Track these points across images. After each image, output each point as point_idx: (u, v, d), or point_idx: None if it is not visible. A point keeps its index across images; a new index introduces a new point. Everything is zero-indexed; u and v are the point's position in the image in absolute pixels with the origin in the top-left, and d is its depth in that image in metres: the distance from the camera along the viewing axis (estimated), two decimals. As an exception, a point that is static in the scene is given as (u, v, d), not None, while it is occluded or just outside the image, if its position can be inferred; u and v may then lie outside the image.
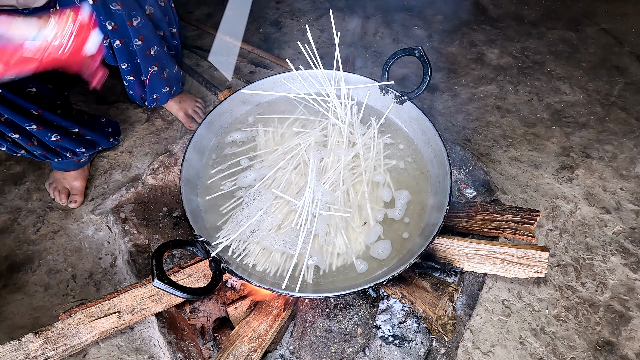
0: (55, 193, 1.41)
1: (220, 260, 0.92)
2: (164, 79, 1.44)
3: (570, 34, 2.08)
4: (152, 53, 1.32)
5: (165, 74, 1.43)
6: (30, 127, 1.17)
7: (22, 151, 1.25)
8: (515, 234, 1.13)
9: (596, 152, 1.55)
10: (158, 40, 1.31)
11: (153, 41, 1.30)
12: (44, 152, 1.28)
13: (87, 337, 0.97)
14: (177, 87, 1.55)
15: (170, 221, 1.38)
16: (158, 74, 1.40)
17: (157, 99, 1.51)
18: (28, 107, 1.15)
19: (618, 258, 1.27)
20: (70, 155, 1.33)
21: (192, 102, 1.66)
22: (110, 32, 1.21)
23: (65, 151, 1.32)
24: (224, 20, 1.45)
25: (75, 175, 1.41)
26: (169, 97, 1.54)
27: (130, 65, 1.33)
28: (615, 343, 1.11)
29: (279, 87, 1.30)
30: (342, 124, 1.17)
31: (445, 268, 1.12)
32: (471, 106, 1.74)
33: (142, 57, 1.31)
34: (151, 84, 1.42)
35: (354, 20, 2.18)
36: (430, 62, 1.12)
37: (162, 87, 1.47)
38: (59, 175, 1.41)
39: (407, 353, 1.12)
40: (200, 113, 1.66)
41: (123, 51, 1.28)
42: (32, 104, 1.17)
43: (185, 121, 1.62)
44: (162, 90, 1.48)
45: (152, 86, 1.44)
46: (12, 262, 1.28)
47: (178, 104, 1.62)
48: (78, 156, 1.37)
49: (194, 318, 1.17)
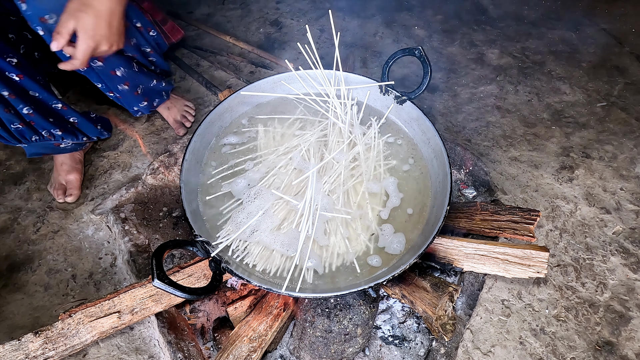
0: (53, 192, 1.41)
1: (220, 260, 0.92)
2: (138, 95, 1.43)
3: (570, 34, 2.08)
4: (119, 74, 1.30)
5: (139, 90, 1.42)
6: (3, 92, 1.13)
7: None
8: (515, 234, 1.13)
9: (596, 152, 1.55)
10: (123, 61, 1.29)
11: (117, 63, 1.28)
12: (19, 125, 1.21)
13: (87, 337, 0.97)
14: (159, 99, 1.53)
15: (170, 221, 1.38)
16: (130, 91, 1.39)
17: (138, 111, 1.50)
18: (8, 69, 1.12)
19: (618, 258, 1.27)
20: (47, 135, 1.29)
21: (181, 107, 1.64)
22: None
23: (41, 129, 1.27)
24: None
25: (67, 169, 1.41)
26: (150, 108, 1.52)
27: (103, 85, 1.32)
28: (615, 343, 1.11)
29: (278, 87, 1.30)
30: (342, 124, 1.17)
31: (445, 268, 1.11)
32: (471, 106, 1.74)
33: (107, 77, 1.29)
34: (126, 99, 1.41)
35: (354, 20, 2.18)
36: (430, 62, 1.12)
37: (138, 102, 1.46)
38: (54, 173, 1.42)
39: (407, 353, 1.12)
40: (189, 117, 1.64)
41: (90, 73, 1.26)
42: (15, 68, 1.13)
43: (175, 126, 1.61)
44: (140, 104, 1.47)
45: (127, 102, 1.43)
46: (12, 262, 1.28)
47: (167, 110, 1.60)
48: (56, 139, 1.32)
49: (194, 318, 1.17)
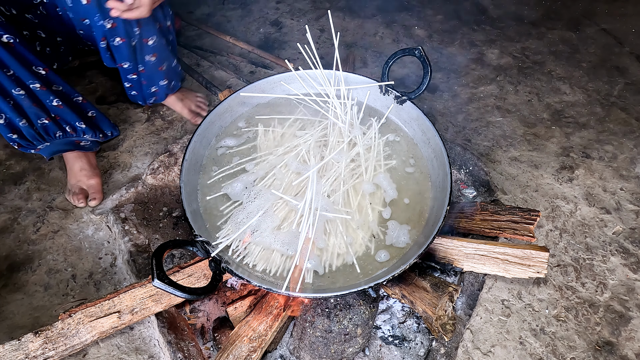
0: (73, 198, 1.38)
1: (220, 260, 0.92)
2: (162, 71, 1.44)
3: (571, 34, 2.08)
4: (150, 43, 1.31)
5: (164, 66, 1.43)
6: (34, 85, 1.16)
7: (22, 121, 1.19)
8: (515, 234, 1.13)
9: (596, 153, 1.55)
10: (156, 30, 1.31)
11: (151, 31, 1.29)
12: (45, 120, 1.23)
13: (87, 337, 0.97)
14: (176, 82, 1.55)
15: (170, 221, 1.38)
16: (155, 65, 1.40)
17: (155, 93, 1.51)
18: (36, 63, 1.15)
19: (618, 258, 1.27)
20: (70, 130, 1.31)
21: (194, 98, 1.68)
22: (109, 31, 1.21)
23: (65, 124, 1.29)
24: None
25: (88, 174, 1.40)
26: (167, 91, 1.53)
27: (131, 63, 1.33)
28: (615, 343, 1.11)
29: (278, 87, 1.30)
30: (343, 124, 1.17)
31: (445, 268, 1.12)
32: (471, 106, 1.74)
33: (140, 45, 1.30)
34: (148, 74, 1.42)
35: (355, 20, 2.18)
36: (430, 62, 1.12)
37: (160, 80, 1.47)
38: (72, 180, 1.40)
39: (407, 353, 1.12)
40: (203, 107, 1.67)
41: (123, 49, 1.27)
42: (41, 60, 1.16)
43: (191, 117, 1.63)
44: (160, 82, 1.47)
45: (149, 77, 1.43)
46: (12, 262, 1.28)
47: (181, 102, 1.62)
48: (77, 134, 1.34)
49: (193, 318, 1.17)
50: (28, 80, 1.15)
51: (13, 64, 1.10)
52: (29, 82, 1.15)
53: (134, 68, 1.35)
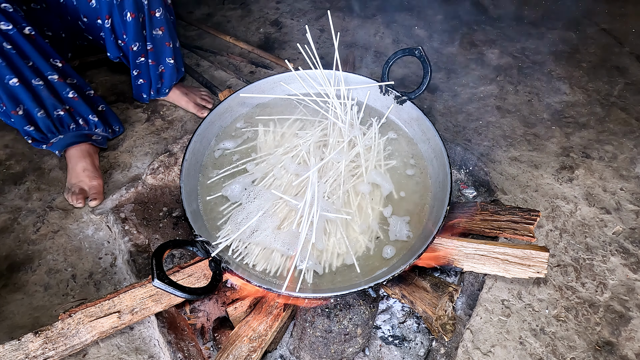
0: (72, 198, 1.37)
1: (220, 260, 0.92)
2: (169, 47, 1.47)
3: (571, 34, 2.08)
4: (157, 15, 1.35)
5: (170, 43, 1.47)
6: (52, 76, 1.20)
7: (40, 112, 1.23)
8: (515, 234, 1.13)
9: (596, 153, 1.55)
10: (162, 3, 1.35)
11: (158, 2, 1.33)
12: (61, 112, 1.28)
13: (87, 337, 0.97)
14: (180, 65, 1.59)
15: (170, 221, 1.38)
16: (163, 39, 1.43)
17: (162, 75, 1.54)
18: (53, 55, 1.20)
19: (618, 258, 1.27)
20: (82, 123, 1.35)
21: (198, 92, 1.71)
22: (118, 6, 1.24)
23: (78, 117, 1.33)
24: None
25: (90, 175, 1.40)
26: (172, 79, 1.57)
27: (140, 43, 1.36)
28: (615, 343, 1.11)
29: (278, 87, 1.30)
30: (342, 124, 1.17)
31: (445, 268, 1.11)
32: (471, 106, 1.74)
33: (149, 19, 1.33)
34: (157, 50, 1.45)
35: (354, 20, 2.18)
36: (430, 62, 1.12)
37: (167, 56, 1.50)
38: (73, 180, 1.40)
39: (407, 353, 1.12)
40: (209, 99, 1.69)
41: (134, 27, 1.30)
42: (57, 53, 1.21)
43: (196, 110, 1.65)
44: (167, 60, 1.50)
45: (157, 54, 1.46)
46: (12, 262, 1.28)
47: (186, 96, 1.64)
48: (90, 127, 1.37)
49: (193, 318, 1.17)
50: (47, 72, 1.19)
51: (34, 55, 1.15)
52: (47, 73, 1.19)
53: (142, 48, 1.39)
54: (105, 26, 1.30)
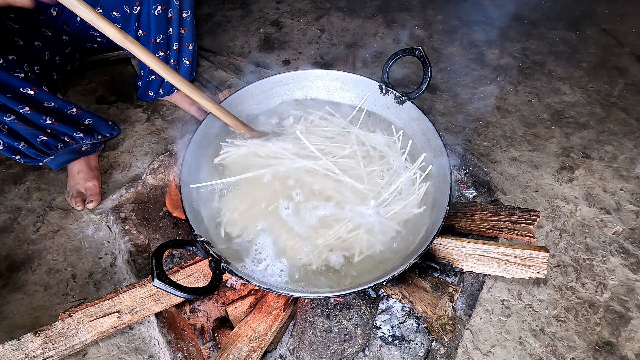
0: (71, 201, 1.38)
1: (220, 260, 0.92)
2: (189, 48, 1.49)
3: (571, 35, 2.08)
4: (185, 16, 1.37)
5: (190, 45, 1.49)
6: (24, 110, 1.13)
7: (20, 144, 1.20)
8: (515, 235, 1.13)
9: (596, 153, 1.55)
10: (191, 5, 1.37)
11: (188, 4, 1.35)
12: (44, 137, 1.22)
13: (87, 337, 0.97)
14: (194, 67, 1.61)
15: (170, 221, 1.38)
16: (184, 39, 1.45)
17: (175, 66, 1.54)
18: (22, 85, 1.11)
19: (618, 259, 1.27)
20: (69, 140, 1.31)
21: None
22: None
23: (63, 135, 1.29)
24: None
25: (85, 177, 1.40)
26: (186, 76, 1.57)
27: (164, 37, 1.37)
28: (615, 343, 1.11)
29: (278, 87, 1.30)
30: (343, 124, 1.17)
31: (445, 268, 1.11)
32: (471, 106, 1.74)
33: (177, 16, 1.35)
34: (179, 48, 1.46)
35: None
36: (430, 62, 1.12)
37: (186, 57, 1.52)
38: (71, 182, 1.40)
39: (407, 353, 1.12)
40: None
41: (160, 20, 1.31)
42: (27, 82, 1.12)
43: (199, 115, 1.65)
44: (184, 60, 1.52)
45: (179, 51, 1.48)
46: (12, 262, 1.28)
47: (189, 98, 1.63)
48: (77, 141, 1.34)
49: (193, 318, 1.17)
50: (17, 106, 1.11)
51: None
52: (17, 107, 1.11)
53: (164, 43, 1.40)
54: (133, 13, 1.29)
